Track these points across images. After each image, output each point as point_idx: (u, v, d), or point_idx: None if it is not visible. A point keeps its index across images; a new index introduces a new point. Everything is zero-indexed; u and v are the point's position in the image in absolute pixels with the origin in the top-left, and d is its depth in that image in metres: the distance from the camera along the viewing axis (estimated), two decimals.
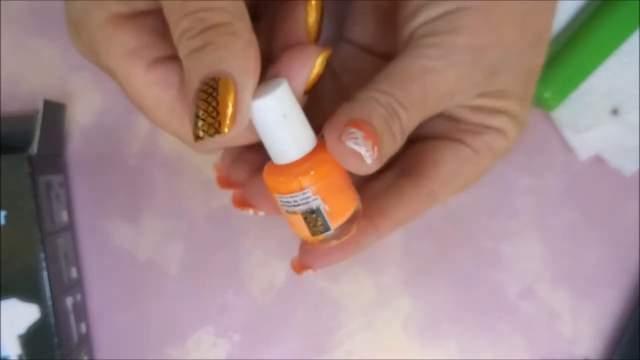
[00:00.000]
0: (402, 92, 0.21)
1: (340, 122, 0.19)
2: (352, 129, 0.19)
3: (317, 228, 0.20)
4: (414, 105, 0.21)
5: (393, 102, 0.20)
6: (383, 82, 0.21)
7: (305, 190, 0.19)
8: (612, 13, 0.31)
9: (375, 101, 0.20)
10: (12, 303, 0.30)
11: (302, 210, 0.20)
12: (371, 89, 0.21)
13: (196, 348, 0.34)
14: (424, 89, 0.21)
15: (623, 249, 0.34)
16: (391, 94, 0.20)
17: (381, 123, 0.20)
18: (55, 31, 0.34)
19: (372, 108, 0.20)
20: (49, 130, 0.31)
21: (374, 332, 0.34)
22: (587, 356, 0.34)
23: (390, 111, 0.20)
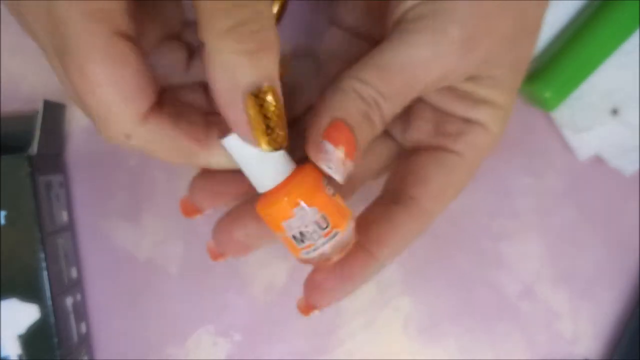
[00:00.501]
0: (385, 84, 0.21)
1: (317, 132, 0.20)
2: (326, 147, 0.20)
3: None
4: (397, 95, 0.21)
5: (375, 94, 0.21)
6: (367, 71, 0.21)
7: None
8: (612, 13, 0.31)
9: (356, 94, 0.20)
10: (12, 303, 0.30)
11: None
12: (354, 78, 0.21)
13: (196, 348, 0.34)
14: (408, 80, 0.21)
15: (623, 249, 0.34)
16: (374, 85, 0.20)
17: (360, 117, 0.20)
18: None
19: (352, 103, 0.20)
20: (49, 130, 0.31)
21: (374, 331, 0.34)
22: (587, 356, 0.34)
23: (371, 103, 0.21)
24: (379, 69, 0.21)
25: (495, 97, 0.23)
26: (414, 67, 0.21)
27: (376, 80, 0.20)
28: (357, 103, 0.20)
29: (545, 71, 0.32)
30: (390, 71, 0.20)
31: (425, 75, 0.21)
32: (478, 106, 0.23)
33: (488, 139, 0.24)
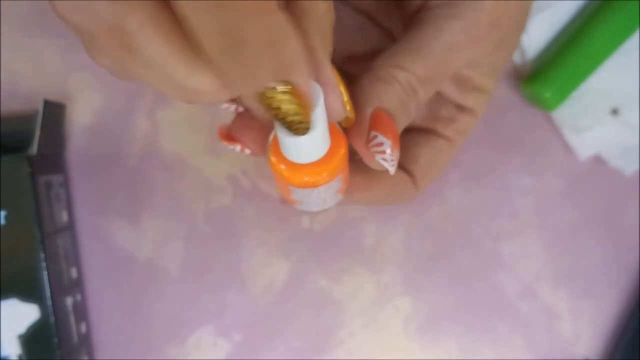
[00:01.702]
0: (423, 70, 0.21)
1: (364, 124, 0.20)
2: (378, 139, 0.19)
3: None
4: (432, 81, 0.21)
5: (413, 80, 0.21)
6: (405, 58, 0.21)
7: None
8: (612, 13, 0.31)
9: (396, 81, 0.20)
10: (12, 303, 0.30)
11: None
12: (392, 66, 0.21)
13: (196, 348, 0.34)
14: (443, 66, 0.21)
15: (623, 249, 0.34)
16: (413, 71, 0.21)
17: (400, 106, 0.21)
18: (55, 31, 0.34)
19: (393, 92, 0.20)
20: (49, 130, 0.31)
21: (374, 331, 0.34)
22: (587, 356, 0.34)
23: (409, 90, 0.21)
24: (417, 55, 0.21)
25: (488, 84, 0.24)
26: (450, 52, 0.21)
27: (415, 66, 0.21)
28: (397, 92, 0.21)
29: (545, 71, 0.32)
30: (428, 57, 0.21)
31: (458, 60, 0.21)
32: (472, 92, 0.24)
33: (473, 123, 0.25)
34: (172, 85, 0.15)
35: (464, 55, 0.22)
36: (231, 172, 0.34)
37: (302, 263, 0.34)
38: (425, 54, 0.21)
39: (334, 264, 0.34)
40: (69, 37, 0.34)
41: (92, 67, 0.34)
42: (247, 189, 0.34)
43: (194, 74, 0.15)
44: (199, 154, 0.34)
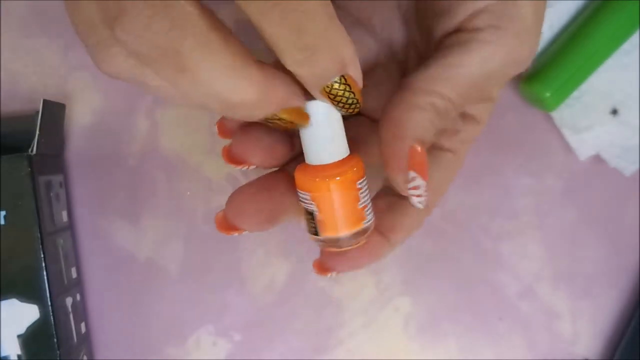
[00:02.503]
0: (459, 96, 0.21)
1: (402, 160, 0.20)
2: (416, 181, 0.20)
3: (310, 229, 0.21)
4: (462, 105, 0.22)
5: (450, 106, 0.21)
6: (445, 85, 0.21)
7: (305, 193, 0.21)
8: (612, 13, 0.31)
9: (434, 110, 0.21)
10: (12, 303, 0.30)
11: (304, 206, 0.21)
12: (432, 93, 0.21)
13: (196, 348, 0.34)
14: (480, 91, 0.22)
15: (623, 249, 0.34)
16: (450, 99, 0.21)
17: (434, 132, 0.21)
18: (55, 31, 0.34)
19: (429, 120, 0.21)
20: (48, 130, 0.31)
21: (375, 331, 0.34)
22: (587, 356, 0.34)
23: (443, 114, 0.21)
24: (456, 84, 0.21)
25: (497, 93, 0.24)
26: (486, 79, 0.21)
27: (453, 94, 0.21)
28: (433, 119, 0.21)
29: (545, 71, 0.32)
30: (468, 86, 0.21)
31: (491, 84, 0.22)
32: (484, 102, 0.24)
33: (478, 132, 0.25)
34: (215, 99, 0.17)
35: (498, 79, 0.22)
36: (231, 172, 0.34)
37: (302, 263, 0.34)
38: (466, 82, 0.21)
39: None
40: (69, 37, 0.34)
41: (92, 67, 0.34)
42: None
43: (238, 88, 0.17)
44: (199, 154, 0.34)
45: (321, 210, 0.21)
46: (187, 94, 0.17)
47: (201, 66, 0.16)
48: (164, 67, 0.16)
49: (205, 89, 0.16)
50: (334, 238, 0.21)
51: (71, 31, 0.17)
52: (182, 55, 0.15)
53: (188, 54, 0.15)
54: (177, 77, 0.16)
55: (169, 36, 0.15)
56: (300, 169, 0.21)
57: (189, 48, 0.15)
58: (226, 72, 0.16)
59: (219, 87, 0.16)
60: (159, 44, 0.15)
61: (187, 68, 0.16)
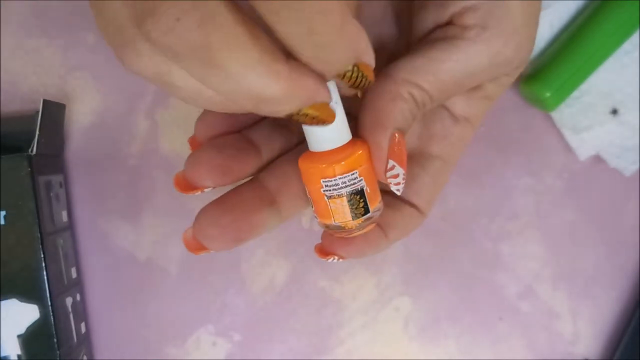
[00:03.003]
0: (439, 91, 0.21)
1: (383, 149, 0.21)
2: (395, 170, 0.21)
3: (359, 210, 0.21)
4: (441, 99, 0.22)
5: (427, 98, 0.21)
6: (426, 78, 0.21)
7: (353, 172, 0.20)
8: (612, 13, 0.31)
9: (412, 100, 0.21)
10: (12, 303, 0.30)
11: (348, 191, 0.21)
12: (412, 84, 0.21)
13: (196, 348, 0.34)
14: (461, 87, 0.22)
15: (623, 249, 0.34)
16: (429, 92, 0.21)
17: (411, 120, 0.21)
18: (55, 31, 0.34)
19: (408, 110, 0.21)
20: (48, 130, 0.31)
21: (374, 331, 0.34)
22: (587, 356, 0.34)
23: (420, 106, 0.21)
24: (437, 78, 0.21)
25: (497, 93, 0.24)
26: (470, 76, 0.21)
27: (433, 88, 0.21)
28: (412, 109, 0.21)
29: (545, 71, 0.32)
30: (448, 81, 0.21)
31: (474, 82, 0.22)
32: (479, 101, 0.24)
33: (470, 135, 0.25)
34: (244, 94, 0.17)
35: (483, 78, 0.22)
36: None
37: (302, 263, 0.34)
38: (447, 77, 0.21)
39: (333, 264, 0.34)
40: (69, 37, 0.34)
41: (92, 67, 0.34)
42: None
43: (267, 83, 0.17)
44: None
45: (367, 181, 0.21)
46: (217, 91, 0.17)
47: (231, 61, 0.16)
48: (194, 63, 0.16)
49: (235, 84, 0.16)
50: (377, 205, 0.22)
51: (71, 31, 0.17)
52: (212, 50, 0.16)
53: (217, 49, 0.16)
54: (207, 73, 0.16)
55: (199, 32, 0.15)
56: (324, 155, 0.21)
57: (219, 43, 0.15)
58: (255, 67, 0.16)
59: (249, 82, 0.16)
60: (189, 39, 0.15)
61: (216, 63, 0.16)
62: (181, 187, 0.23)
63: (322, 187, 0.21)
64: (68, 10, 0.33)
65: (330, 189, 0.21)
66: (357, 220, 0.21)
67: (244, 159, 0.23)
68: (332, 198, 0.21)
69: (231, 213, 0.22)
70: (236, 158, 0.23)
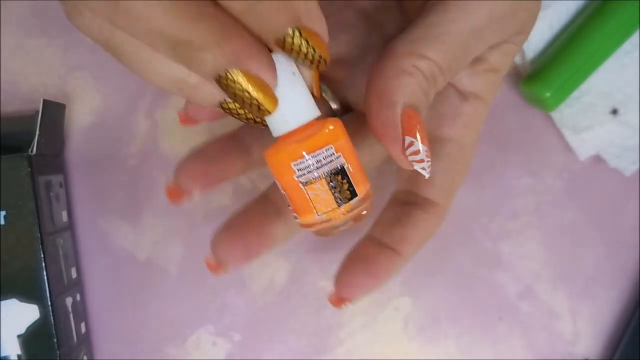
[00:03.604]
0: (445, 57, 0.20)
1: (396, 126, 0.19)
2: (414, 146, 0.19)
3: (344, 193, 0.18)
4: (453, 69, 0.20)
5: (435, 69, 0.20)
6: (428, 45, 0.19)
7: (328, 146, 0.18)
8: (612, 13, 0.31)
9: (419, 72, 0.19)
10: (12, 303, 0.30)
11: (326, 171, 0.18)
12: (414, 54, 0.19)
13: (196, 348, 0.34)
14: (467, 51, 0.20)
15: (623, 249, 0.34)
16: (435, 60, 0.19)
17: (424, 97, 0.19)
18: (55, 31, 0.34)
19: (417, 84, 0.19)
20: (48, 130, 0.31)
21: (374, 331, 0.34)
22: (587, 356, 0.34)
23: (431, 80, 0.20)
24: (439, 42, 0.19)
25: (504, 64, 0.22)
26: (474, 36, 0.20)
27: (437, 54, 0.19)
28: (421, 83, 0.19)
29: (545, 71, 0.32)
30: (451, 43, 0.19)
31: (482, 44, 0.20)
32: (484, 74, 0.22)
33: (484, 112, 0.23)
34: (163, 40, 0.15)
35: (488, 38, 0.20)
36: None
37: (302, 263, 0.34)
38: (448, 40, 0.19)
39: (333, 264, 0.34)
40: (69, 37, 0.34)
41: (92, 67, 0.34)
42: (247, 188, 0.34)
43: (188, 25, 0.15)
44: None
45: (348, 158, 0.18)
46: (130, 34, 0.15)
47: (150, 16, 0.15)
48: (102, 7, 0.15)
49: (145, 24, 0.15)
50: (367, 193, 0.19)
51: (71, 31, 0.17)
52: None
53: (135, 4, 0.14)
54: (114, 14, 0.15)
55: None
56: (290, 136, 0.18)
57: None
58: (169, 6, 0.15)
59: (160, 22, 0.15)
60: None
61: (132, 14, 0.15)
62: (173, 196, 0.23)
63: (295, 172, 0.18)
64: None
65: (304, 171, 0.18)
66: (345, 206, 0.18)
67: (229, 161, 0.23)
68: (309, 184, 0.18)
69: (240, 233, 0.23)
70: (220, 162, 0.23)
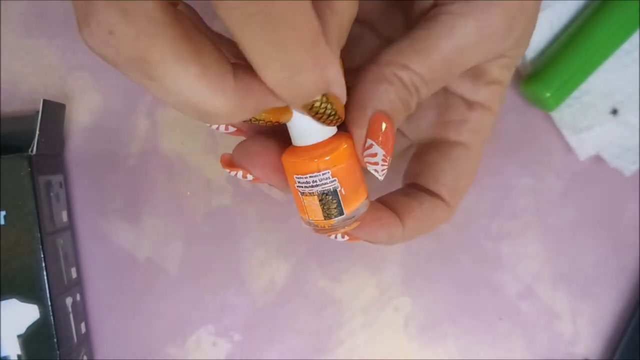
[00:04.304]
0: (428, 70, 0.20)
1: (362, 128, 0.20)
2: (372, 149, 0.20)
3: (331, 211, 0.20)
4: (437, 80, 0.21)
5: (417, 80, 0.20)
6: (412, 57, 0.20)
7: (325, 171, 0.20)
8: (612, 13, 0.31)
9: (399, 82, 0.20)
10: (12, 303, 0.30)
11: (319, 191, 0.20)
12: (397, 64, 0.20)
13: (196, 348, 0.34)
14: (451, 66, 0.21)
15: (623, 249, 0.34)
16: (417, 71, 0.20)
17: (401, 105, 0.20)
18: (55, 31, 0.34)
19: (395, 92, 0.20)
20: (48, 130, 0.31)
21: (375, 331, 0.34)
22: (587, 356, 0.34)
23: (412, 89, 0.20)
24: (424, 56, 0.20)
25: (505, 76, 0.23)
26: (459, 53, 0.20)
27: (421, 67, 0.20)
28: (400, 92, 0.20)
29: (545, 71, 0.32)
30: (436, 58, 0.20)
31: (468, 60, 0.21)
32: (488, 86, 0.23)
33: (490, 120, 0.24)
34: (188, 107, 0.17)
35: (475, 55, 0.21)
36: None
37: (302, 263, 0.34)
38: (434, 54, 0.20)
39: (333, 264, 0.34)
40: (69, 37, 0.34)
41: (92, 67, 0.34)
42: (247, 189, 0.34)
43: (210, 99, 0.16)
44: (199, 154, 0.34)
45: (343, 182, 0.20)
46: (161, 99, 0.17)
47: (168, 76, 0.15)
48: (133, 73, 0.16)
49: (175, 97, 0.16)
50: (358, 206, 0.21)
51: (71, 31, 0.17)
52: (149, 64, 0.15)
53: (155, 64, 0.15)
54: (147, 84, 0.16)
55: (134, 46, 0.15)
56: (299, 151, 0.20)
57: (155, 58, 0.15)
58: (195, 83, 0.16)
59: (188, 97, 0.16)
60: (124, 52, 0.15)
61: (154, 77, 0.15)
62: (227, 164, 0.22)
63: (296, 182, 0.20)
64: (68, 10, 0.33)
65: (302, 186, 0.20)
66: (329, 220, 0.20)
67: None
68: (305, 195, 0.20)
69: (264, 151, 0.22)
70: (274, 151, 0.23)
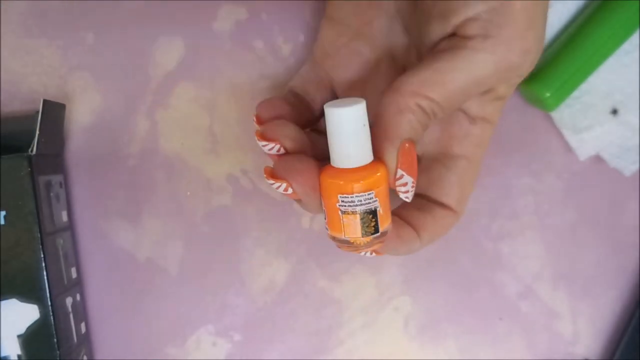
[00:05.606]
0: (447, 99, 0.22)
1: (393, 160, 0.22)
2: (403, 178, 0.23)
3: (369, 229, 0.22)
4: (452, 107, 0.23)
5: (436, 107, 0.22)
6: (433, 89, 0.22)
7: (371, 192, 0.22)
8: (612, 13, 0.31)
9: (421, 111, 0.22)
10: (12, 303, 0.30)
11: (362, 210, 0.22)
12: (419, 96, 0.22)
13: (196, 348, 0.34)
14: (468, 94, 0.23)
15: (623, 249, 0.34)
16: (437, 101, 0.22)
17: (421, 130, 0.23)
18: (55, 31, 0.34)
19: (417, 121, 0.22)
20: (48, 130, 0.31)
21: (374, 331, 0.34)
22: (587, 356, 0.34)
23: (431, 115, 0.22)
24: (444, 88, 0.22)
25: (508, 92, 0.25)
26: (477, 83, 0.22)
27: (439, 96, 0.22)
28: (421, 118, 0.22)
29: (545, 71, 0.32)
30: (455, 90, 0.22)
31: (483, 88, 0.23)
32: (492, 102, 0.25)
33: (491, 133, 0.26)
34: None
35: (490, 83, 0.23)
36: (231, 172, 0.34)
37: (302, 263, 0.34)
38: (453, 86, 0.22)
39: (333, 264, 0.34)
40: (69, 37, 0.34)
41: (92, 67, 0.34)
42: (247, 189, 0.34)
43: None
44: (199, 154, 0.34)
45: (381, 203, 0.22)
46: None
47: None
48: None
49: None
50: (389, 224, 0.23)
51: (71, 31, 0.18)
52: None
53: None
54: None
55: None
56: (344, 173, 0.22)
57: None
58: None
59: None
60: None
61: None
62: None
63: (339, 202, 0.22)
64: (68, 10, 0.33)
65: (346, 205, 0.22)
66: (366, 238, 0.23)
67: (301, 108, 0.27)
68: (346, 214, 0.22)
69: None
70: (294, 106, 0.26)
